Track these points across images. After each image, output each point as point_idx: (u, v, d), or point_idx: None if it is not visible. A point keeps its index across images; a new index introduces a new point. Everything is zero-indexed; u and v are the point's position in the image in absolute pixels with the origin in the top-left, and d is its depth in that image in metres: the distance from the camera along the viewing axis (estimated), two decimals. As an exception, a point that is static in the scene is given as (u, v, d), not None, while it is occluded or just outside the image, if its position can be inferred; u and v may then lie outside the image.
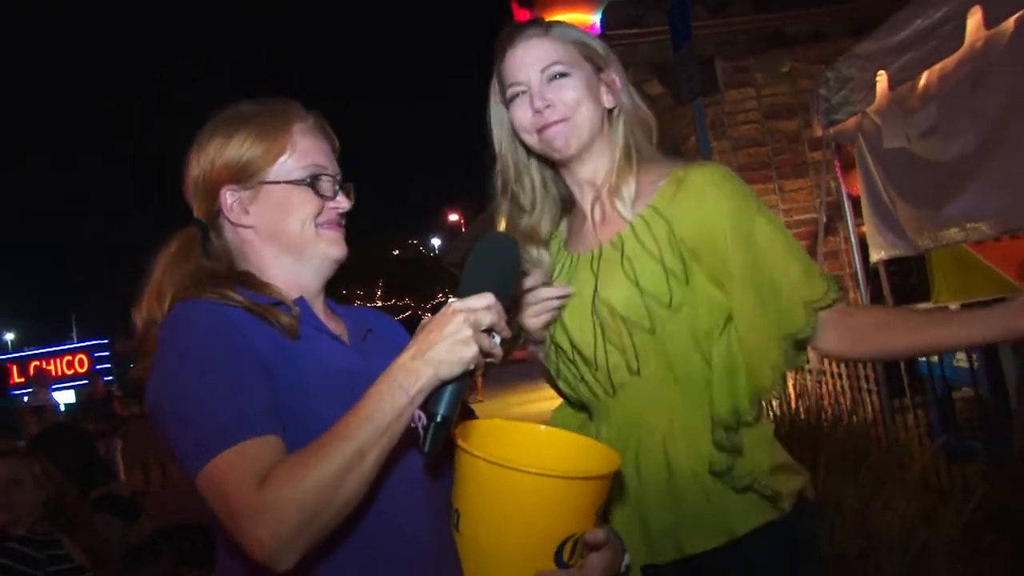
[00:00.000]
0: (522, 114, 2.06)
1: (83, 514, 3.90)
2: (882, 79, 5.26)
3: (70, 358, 34.09)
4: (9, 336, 53.97)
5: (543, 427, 2.00)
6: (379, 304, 41.62)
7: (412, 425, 1.52)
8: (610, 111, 2.10)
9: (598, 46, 2.10)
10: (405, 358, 1.52)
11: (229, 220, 1.78)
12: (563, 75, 2.02)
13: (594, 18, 17.26)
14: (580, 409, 2.22)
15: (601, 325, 2.00)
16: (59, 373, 31.42)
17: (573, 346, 2.06)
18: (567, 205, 2.26)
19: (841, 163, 6.40)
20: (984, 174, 4.44)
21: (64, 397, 21.14)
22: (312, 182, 1.77)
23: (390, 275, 44.06)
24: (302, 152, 1.78)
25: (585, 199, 2.14)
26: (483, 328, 1.55)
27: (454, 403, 1.56)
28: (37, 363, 30.82)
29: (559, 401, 2.30)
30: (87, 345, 35.59)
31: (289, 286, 1.78)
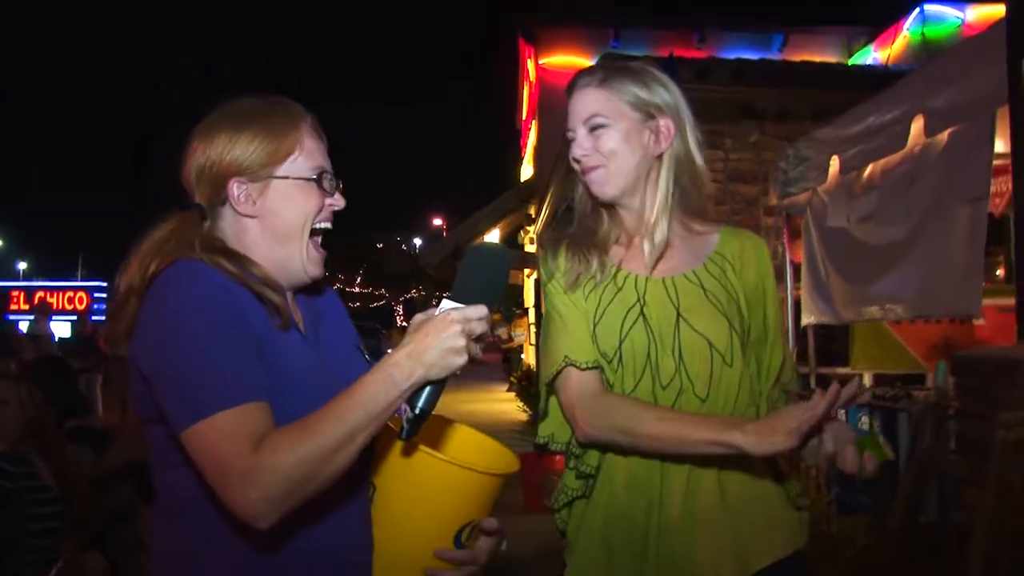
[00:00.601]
0: (571, 156, 2.07)
1: (58, 441, 3.87)
2: (835, 163, 5.37)
3: (71, 294, 33.70)
4: (22, 265, 53.26)
5: (465, 426, 2.03)
6: (356, 290, 41.36)
7: (397, 415, 1.53)
8: (659, 156, 2.04)
9: (656, 94, 2.03)
10: (401, 354, 1.51)
11: (235, 209, 1.73)
12: (602, 127, 2.01)
13: (590, 62, 17.40)
14: None
15: (681, 348, 1.93)
16: (60, 307, 31.07)
17: (649, 359, 1.95)
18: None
19: (789, 231, 6.50)
20: (907, 262, 4.53)
21: (61, 329, 20.89)
22: (318, 180, 1.75)
23: (371, 265, 43.85)
24: (310, 152, 1.75)
25: (633, 230, 2.09)
26: (474, 337, 1.55)
27: (435, 399, 1.57)
28: (42, 294, 30.57)
29: (504, 403, 2.29)
30: (89, 285, 35.19)
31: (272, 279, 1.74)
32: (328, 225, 1.80)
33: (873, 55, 15.90)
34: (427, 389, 1.55)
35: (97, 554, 4.14)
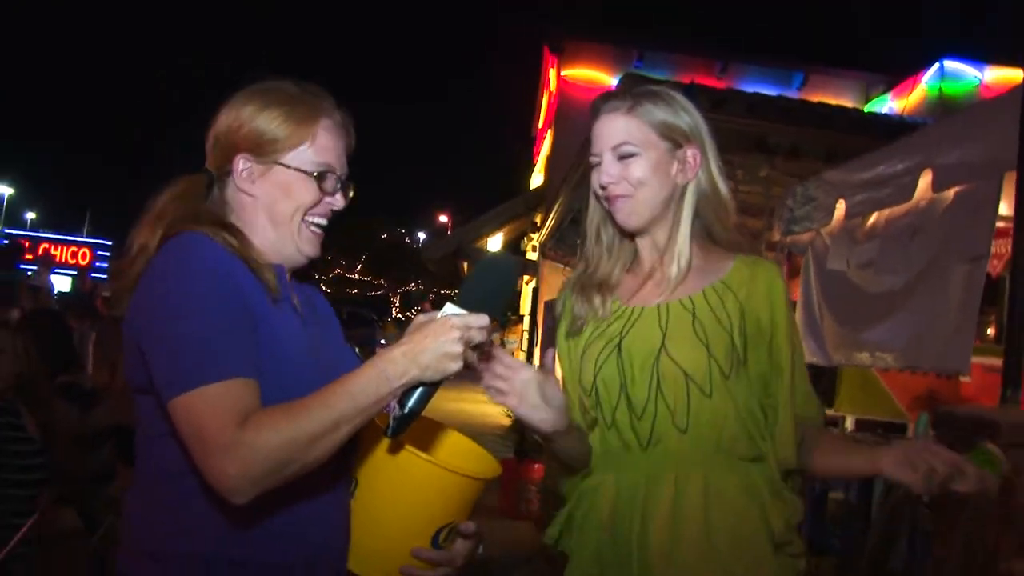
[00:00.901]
0: (595, 181, 2.02)
1: (46, 395, 3.88)
2: (840, 207, 5.38)
3: (75, 249, 33.69)
4: (31, 215, 53.14)
5: (450, 429, 2.04)
6: (356, 277, 41.29)
7: (385, 411, 1.54)
8: (684, 185, 2.00)
9: (683, 123, 1.99)
10: (397, 352, 1.52)
11: (236, 183, 1.75)
12: (631, 155, 1.96)
13: (613, 81, 17.46)
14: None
15: (659, 377, 1.89)
16: (63, 260, 31.07)
17: (622, 390, 1.92)
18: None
19: (789, 269, 6.50)
20: (902, 313, 4.54)
21: (61, 283, 20.86)
22: (319, 177, 1.75)
23: (373, 254, 43.81)
24: (320, 147, 1.76)
25: (648, 260, 2.05)
26: (472, 346, 1.56)
27: (425, 401, 1.58)
28: (46, 246, 30.54)
29: (489, 406, 2.27)
30: (93, 242, 35.19)
31: (264, 256, 1.74)
32: (322, 221, 1.81)
33: (890, 104, 15.97)
34: (419, 390, 1.56)
35: (72, 511, 4.16)
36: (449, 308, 1.60)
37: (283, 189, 1.74)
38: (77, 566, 4.10)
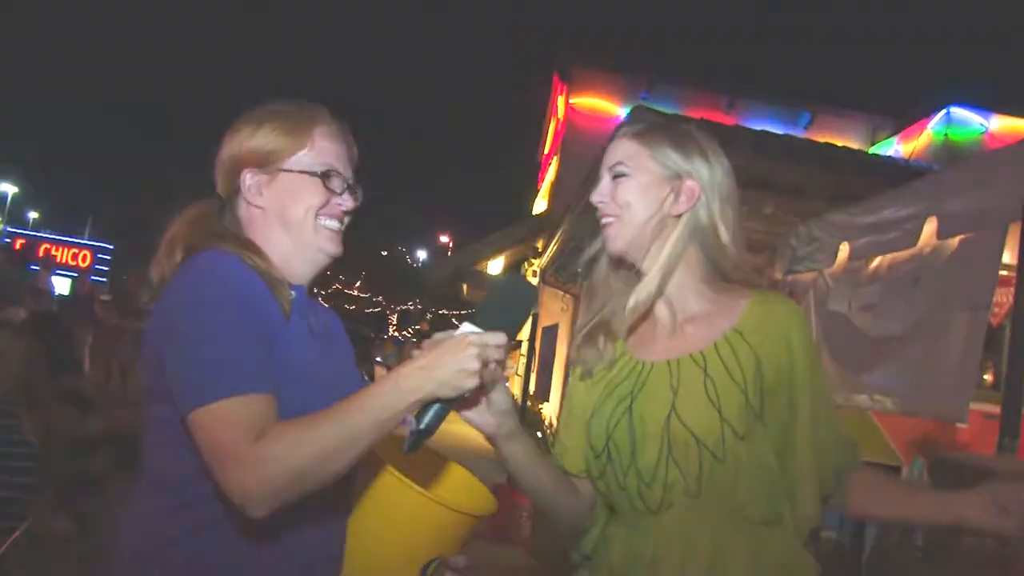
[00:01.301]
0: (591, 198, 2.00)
1: (46, 398, 3.88)
2: (844, 250, 5.39)
3: (76, 251, 33.74)
4: (33, 215, 53.21)
5: (451, 461, 2.05)
6: (355, 293, 41.24)
7: (403, 425, 1.54)
8: (677, 217, 1.91)
9: (687, 154, 1.92)
10: (414, 367, 1.52)
11: (245, 199, 1.80)
12: (623, 175, 1.91)
13: (620, 111, 17.55)
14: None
15: (670, 442, 1.79)
16: (63, 261, 31.09)
17: (632, 457, 1.84)
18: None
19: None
20: (902, 358, 4.54)
21: (61, 285, 20.87)
22: (323, 176, 1.80)
23: (372, 271, 43.79)
24: (320, 150, 1.81)
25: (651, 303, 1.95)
26: (489, 364, 1.57)
27: (440, 418, 1.59)
28: (48, 247, 30.55)
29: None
30: (95, 245, 35.26)
31: (283, 271, 1.78)
32: (335, 223, 1.84)
33: (896, 147, 16.03)
34: (435, 407, 1.57)
35: (65, 516, 4.14)
36: (466, 327, 1.61)
37: (290, 193, 1.79)
38: (69, 570, 4.08)
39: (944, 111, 14.70)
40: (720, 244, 1.91)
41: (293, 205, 1.78)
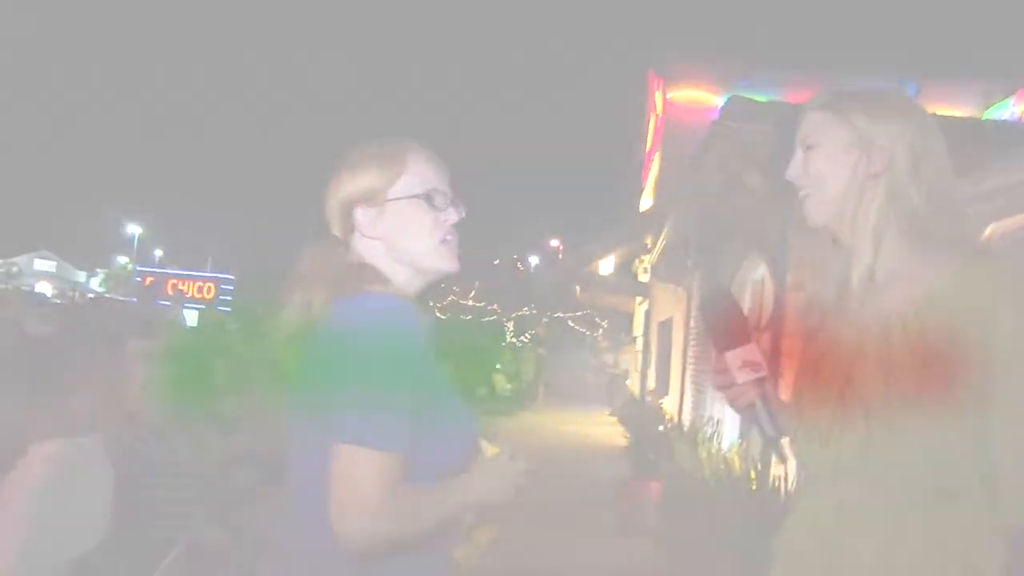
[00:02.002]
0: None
1: (191, 420, 4.12)
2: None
3: (200, 284, 34.94)
4: (159, 252, 55.67)
5: None
6: (470, 303, 41.57)
7: None
8: (873, 178, 1.83)
9: (878, 116, 1.84)
10: (482, 491, 1.85)
11: (362, 233, 1.91)
12: (811, 147, 1.90)
13: (717, 100, 17.37)
14: None
15: (845, 406, 1.77)
16: (190, 294, 32.29)
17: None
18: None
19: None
20: None
21: (190, 317, 21.74)
22: (426, 196, 1.91)
23: (485, 280, 44.01)
24: (416, 173, 1.92)
25: (846, 262, 1.89)
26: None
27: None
28: (175, 282, 31.87)
29: (604, 426, 2.25)
30: (218, 277, 36.42)
31: (406, 292, 1.92)
32: (448, 238, 1.95)
33: (1011, 108, 15.43)
34: None
35: (220, 530, 4.39)
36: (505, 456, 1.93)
37: (401, 219, 1.90)
38: (227, 577, 4.32)
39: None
40: (917, 204, 1.80)
41: (406, 229, 1.90)
